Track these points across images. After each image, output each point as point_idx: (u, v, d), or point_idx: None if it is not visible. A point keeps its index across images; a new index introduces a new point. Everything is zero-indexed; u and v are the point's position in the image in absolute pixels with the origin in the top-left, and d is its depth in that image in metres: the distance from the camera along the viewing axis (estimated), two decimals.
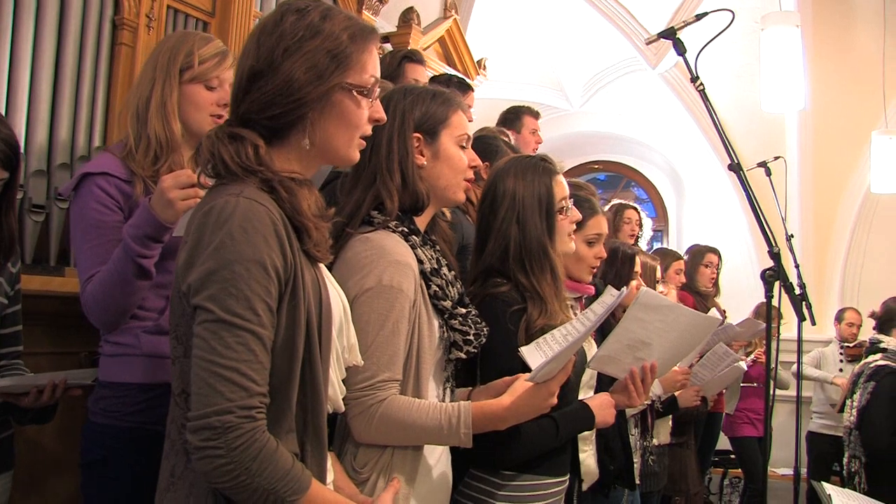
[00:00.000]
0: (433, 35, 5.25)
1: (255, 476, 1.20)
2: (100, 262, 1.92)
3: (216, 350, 1.21)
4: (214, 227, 1.25)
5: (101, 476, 1.96)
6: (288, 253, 1.29)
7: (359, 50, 1.41)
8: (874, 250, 7.32)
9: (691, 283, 4.89)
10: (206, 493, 1.28)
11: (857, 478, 3.62)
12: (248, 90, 1.37)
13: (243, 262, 1.23)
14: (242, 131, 1.36)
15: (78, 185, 2.02)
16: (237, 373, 1.21)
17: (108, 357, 2.02)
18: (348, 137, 1.43)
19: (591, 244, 2.48)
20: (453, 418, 1.63)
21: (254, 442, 1.21)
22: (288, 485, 1.24)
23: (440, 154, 1.82)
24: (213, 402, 1.20)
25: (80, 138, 2.89)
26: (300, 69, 1.34)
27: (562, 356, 1.65)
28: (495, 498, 1.92)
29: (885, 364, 3.64)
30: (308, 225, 1.35)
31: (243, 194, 1.28)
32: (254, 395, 1.22)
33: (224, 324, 1.22)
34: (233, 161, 1.32)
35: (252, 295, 1.23)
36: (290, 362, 1.30)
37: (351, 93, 1.40)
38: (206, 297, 1.23)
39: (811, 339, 6.02)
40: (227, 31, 3.42)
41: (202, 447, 1.19)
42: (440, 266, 1.79)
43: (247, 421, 1.21)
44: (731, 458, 6.11)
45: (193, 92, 2.07)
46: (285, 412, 1.30)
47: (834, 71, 6.72)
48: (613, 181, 9.00)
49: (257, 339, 1.23)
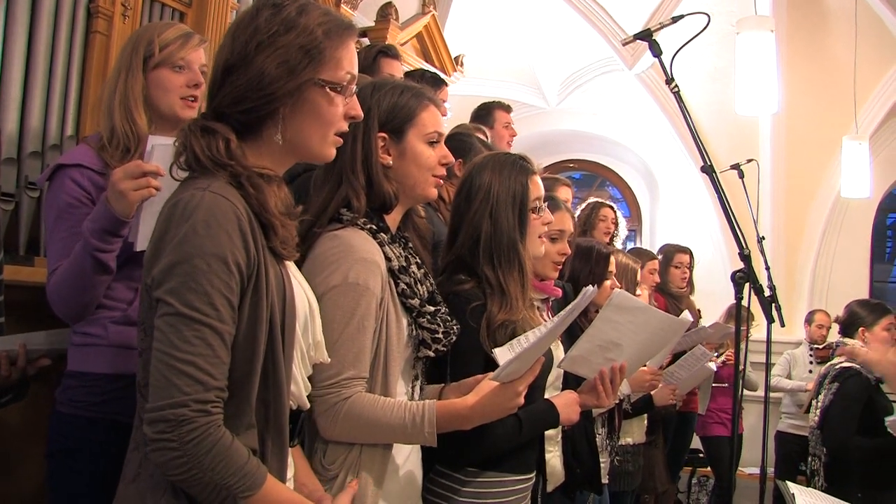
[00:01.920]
0: (411, 31, 5.25)
1: (207, 470, 1.21)
2: (66, 255, 1.91)
3: (174, 343, 1.22)
4: (179, 221, 1.26)
5: (66, 466, 1.95)
6: (251, 249, 1.29)
7: (333, 46, 1.41)
8: (843, 254, 7.43)
9: (663, 283, 4.92)
10: (166, 487, 1.27)
11: (817, 476, 3.67)
12: (222, 84, 1.37)
13: (204, 256, 1.23)
14: (215, 125, 1.36)
15: (52, 177, 2.02)
16: (193, 366, 1.21)
17: (76, 347, 2.01)
18: (321, 134, 1.43)
19: (554, 240, 2.49)
20: (417, 417, 1.62)
21: (207, 436, 1.21)
22: (241, 481, 1.24)
23: (407, 153, 1.79)
24: (168, 395, 1.20)
25: (51, 127, 2.85)
26: (272, 64, 1.35)
27: (527, 355, 1.64)
28: (459, 494, 1.92)
29: (849, 366, 3.69)
30: (274, 222, 1.35)
31: (209, 188, 1.28)
32: (210, 389, 1.22)
33: (183, 317, 1.22)
34: (203, 154, 1.33)
35: (212, 290, 1.23)
36: (250, 358, 1.30)
37: (324, 89, 1.40)
38: (167, 291, 1.24)
39: (781, 341, 6.10)
40: (204, 21, 3.39)
41: (156, 439, 1.20)
42: (409, 264, 1.79)
43: (201, 415, 1.21)
44: (700, 456, 6.17)
45: (160, 76, 2.06)
46: (245, 408, 1.30)
47: (807, 76, 6.79)
48: (588, 180, 9.03)
49: (216, 333, 1.24)
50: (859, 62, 6.42)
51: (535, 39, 7.19)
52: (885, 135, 7.22)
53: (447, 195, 2.82)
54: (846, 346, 3.82)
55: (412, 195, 1.84)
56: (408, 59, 4.88)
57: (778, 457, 6.01)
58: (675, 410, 4.39)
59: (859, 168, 6.21)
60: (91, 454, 1.92)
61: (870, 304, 3.93)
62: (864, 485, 3.49)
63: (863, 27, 6.36)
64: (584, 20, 6.71)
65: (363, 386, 1.65)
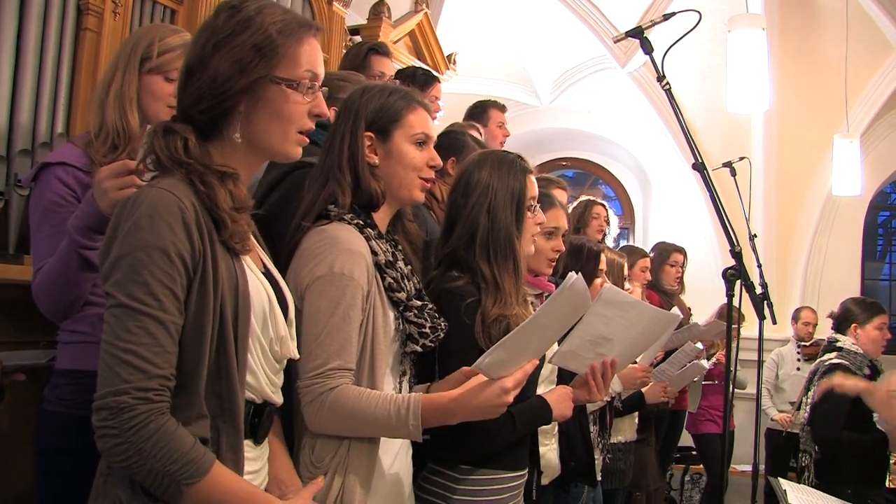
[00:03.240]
0: (403, 28, 5.24)
1: (148, 457, 1.22)
2: (52, 253, 1.91)
3: (117, 334, 1.25)
4: (126, 217, 1.29)
5: (53, 464, 1.94)
6: (196, 241, 1.31)
7: (288, 44, 1.43)
8: (835, 251, 7.46)
9: (656, 281, 4.93)
10: (123, 479, 1.29)
11: (807, 472, 3.68)
12: (185, 86, 1.41)
13: (146, 248, 1.26)
14: (176, 125, 1.40)
15: (37, 176, 2.01)
16: (134, 355, 1.24)
17: (65, 345, 2.01)
18: (281, 131, 1.45)
19: (549, 236, 2.50)
20: (402, 409, 1.62)
21: (148, 423, 1.23)
22: (185, 468, 1.25)
23: (393, 153, 1.82)
24: (110, 384, 1.23)
25: (41, 125, 2.84)
26: (225, 63, 1.38)
27: (511, 343, 1.61)
28: (453, 492, 1.92)
29: (839, 362, 3.70)
30: (223, 216, 1.36)
31: (157, 184, 1.32)
32: (152, 377, 1.24)
33: (126, 308, 1.25)
34: (163, 153, 1.37)
35: (153, 280, 1.26)
36: (198, 348, 1.31)
37: (280, 86, 1.42)
38: (112, 284, 1.27)
39: (772, 338, 6.13)
40: (195, 20, 3.37)
41: (99, 426, 1.23)
42: (396, 259, 1.79)
43: (142, 403, 1.23)
44: (692, 454, 6.18)
45: (152, 82, 2.05)
46: (195, 398, 1.32)
47: (798, 74, 6.82)
48: (581, 178, 9.05)
49: (158, 323, 1.26)
50: (850, 60, 6.44)
51: (527, 38, 7.20)
52: (875, 133, 7.26)
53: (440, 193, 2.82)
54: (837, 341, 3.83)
55: (398, 195, 1.85)
56: (400, 57, 4.87)
57: (767, 453, 6.04)
58: (667, 408, 4.40)
59: (850, 166, 6.23)
60: (78, 452, 1.90)
61: (865, 303, 3.94)
62: (855, 480, 3.50)
63: (854, 25, 6.38)
64: (577, 18, 6.72)
65: (349, 378, 1.65)
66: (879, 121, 7.19)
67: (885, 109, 7.09)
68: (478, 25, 6.75)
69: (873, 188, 7.51)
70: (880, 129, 7.28)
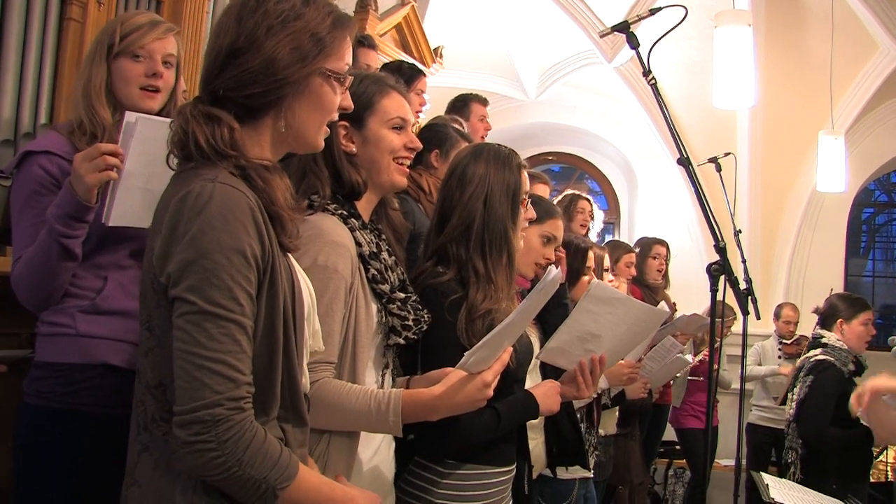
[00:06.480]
0: (390, 21, 5.21)
1: (246, 467, 1.20)
2: (32, 242, 1.89)
3: (200, 342, 1.19)
4: (191, 215, 1.23)
5: (34, 458, 1.92)
6: (266, 241, 1.28)
7: (339, 37, 1.41)
8: (819, 248, 7.50)
9: (640, 275, 4.94)
10: (196, 486, 1.25)
11: (793, 468, 3.71)
12: (225, 67, 1.34)
13: (223, 250, 1.21)
14: (218, 112, 1.33)
15: (20, 164, 1.99)
16: (224, 364, 1.20)
17: (44, 337, 1.98)
18: (318, 123, 1.43)
19: (545, 242, 2.49)
20: (382, 404, 1.62)
21: (244, 433, 1.20)
22: (278, 472, 1.24)
23: (370, 139, 1.82)
24: (201, 396, 1.18)
25: (24, 115, 2.80)
26: (284, 49, 1.34)
27: (493, 341, 1.61)
28: (438, 486, 1.91)
29: (825, 359, 3.73)
30: (283, 215, 1.34)
31: (219, 179, 1.26)
32: (241, 385, 1.21)
33: (207, 315, 1.20)
34: (207, 143, 1.30)
35: (234, 284, 1.22)
36: (271, 350, 1.29)
37: (329, 78, 1.40)
38: (186, 288, 1.21)
39: (756, 333, 6.15)
40: (181, 11, 3.34)
41: (192, 441, 1.18)
42: (379, 250, 1.79)
43: (236, 412, 1.20)
44: (676, 448, 6.21)
45: (120, 66, 2.03)
46: (270, 400, 1.30)
47: (784, 71, 6.84)
48: (567, 173, 9.05)
49: (241, 328, 1.22)
50: (836, 57, 6.47)
51: (514, 32, 7.18)
52: (860, 130, 7.29)
53: (428, 186, 2.81)
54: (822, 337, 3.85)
55: (379, 182, 1.84)
56: (387, 50, 4.85)
57: (749, 448, 6.08)
58: (650, 402, 4.41)
59: (835, 162, 6.25)
60: (60, 446, 1.90)
61: (850, 299, 3.96)
62: (840, 475, 3.54)
63: (839, 23, 6.41)
64: (564, 13, 6.70)
65: (331, 371, 1.64)
66: (864, 118, 7.22)
67: (869, 106, 7.13)
68: (464, 19, 6.73)
69: (857, 185, 7.55)
70: (865, 126, 7.31)
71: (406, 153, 1.86)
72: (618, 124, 7.87)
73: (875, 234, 8.85)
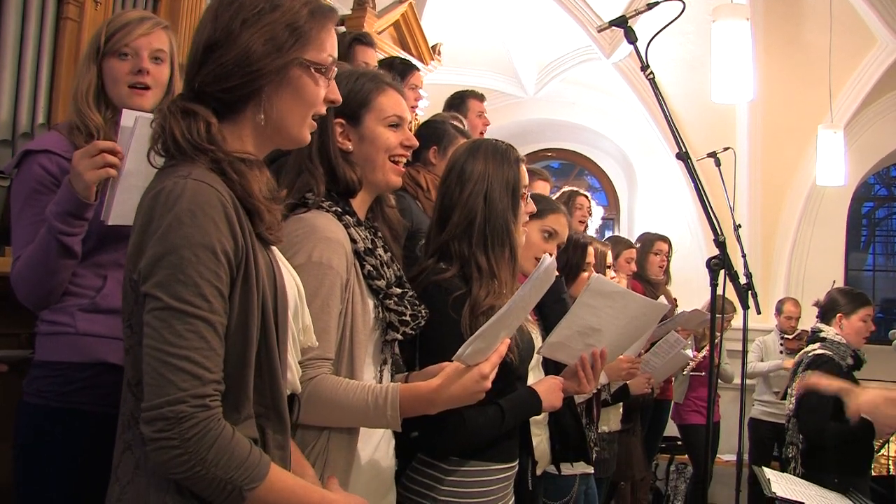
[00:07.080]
0: (388, 19, 5.20)
1: (210, 466, 1.18)
2: (32, 241, 1.89)
3: (166, 339, 1.18)
4: (162, 211, 1.22)
5: (34, 458, 1.92)
6: (238, 236, 1.26)
7: (318, 27, 1.39)
8: (819, 242, 7.49)
9: (641, 271, 4.94)
10: (169, 485, 1.24)
11: (793, 463, 3.70)
12: (203, 62, 1.34)
13: (191, 246, 1.20)
14: (195, 107, 1.33)
15: (19, 163, 1.99)
16: (189, 361, 1.18)
17: (44, 336, 1.98)
18: (301, 115, 1.41)
19: (546, 238, 2.49)
20: (380, 399, 1.61)
21: (208, 431, 1.18)
22: (246, 473, 1.22)
23: (366, 137, 1.81)
24: (165, 392, 1.17)
25: (22, 115, 2.81)
26: (259, 40, 1.32)
27: (489, 332, 1.60)
28: (442, 484, 1.91)
29: (823, 353, 3.72)
30: (260, 207, 1.32)
31: (191, 176, 1.25)
32: (207, 382, 1.20)
33: (173, 311, 1.19)
34: (183, 138, 1.29)
35: (201, 281, 1.20)
36: (244, 348, 1.27)
37: (309, 69, 1.39)
38: (154, 285, 1.20)
39: (756, 328, 6.14)
40: (178, 9, 3.34)
41: (156, 438, 1.17)
42: (375, 247, 1.78)
43: (201, 410, 1.18)
44: (677, 444, 6.21)
45: (108, 66, 2.03)
46: (242, 399, 1.28)
47: (782, 65, 6.83)
48: (566, 169, 9.05)
49: (208, 325, 1.21)
50: (834, 51, 6.45)
51: (512, 28, 7.17)
52: (859, 123, 7.28)
53: (426, 183, 2.81)
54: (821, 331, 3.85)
55: (373, 180, 1.84)
56: (385, 47, 4.84)
57: (751, 443, 6.07)
58: (651, 398, 4.42)
59: (834, 156, 6.25)
60: (60, 445, 1.90)
61: (851, 293, 3.95)
62: (840, 470, 3.53)
63: (838, 16, 6.39)
64: (562, 8, 6.69)
65: (328, 368, 1.64)
66: (863, 111, 7.20)
67: (868, 100, 7.11)
68: (463, 16, 6.72)
69: (857, 178, 7.54)
70: (864, 120, 7.30)
71: (402, 151, 1.85)
72: (616, 120, 7.86)
73: (875, 227, 8.84)
